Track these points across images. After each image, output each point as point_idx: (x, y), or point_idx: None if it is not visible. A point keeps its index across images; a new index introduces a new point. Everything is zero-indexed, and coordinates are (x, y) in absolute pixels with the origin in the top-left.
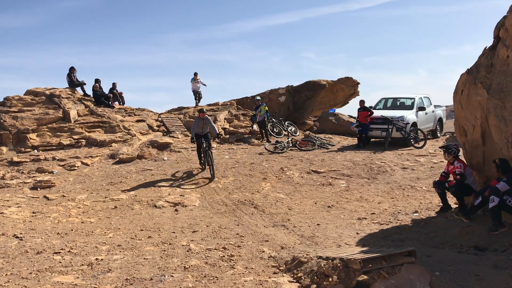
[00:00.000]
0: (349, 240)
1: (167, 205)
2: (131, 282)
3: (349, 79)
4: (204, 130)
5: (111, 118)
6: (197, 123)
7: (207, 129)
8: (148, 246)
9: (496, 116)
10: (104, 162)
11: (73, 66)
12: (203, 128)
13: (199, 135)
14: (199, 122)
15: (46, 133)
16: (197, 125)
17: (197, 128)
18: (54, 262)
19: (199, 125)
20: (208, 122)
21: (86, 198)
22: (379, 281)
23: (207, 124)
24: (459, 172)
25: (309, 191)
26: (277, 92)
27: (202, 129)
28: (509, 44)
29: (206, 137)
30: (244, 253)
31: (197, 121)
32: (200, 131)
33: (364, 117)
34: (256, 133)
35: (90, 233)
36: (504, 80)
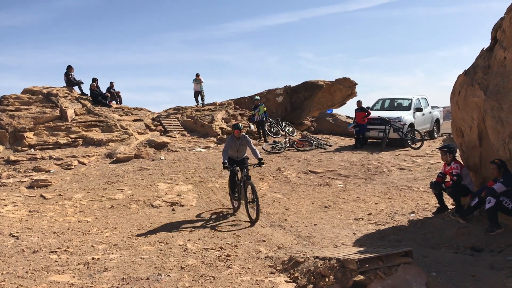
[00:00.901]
0: (346, 241)
1: (164, 205)
2: (128, 282)
3: (347, 79)
4: (241, 154)
5: (108, 117)
6: (230, 143)
7: (244, 152)
8: (145, 246)
9: (493, 117)
10: (101, 161)
11: (70, 65)
12: (239, 150)
13: (233, 160)
14: (233, 143)
15: (43, 132)
16: (230, 147)
17: (231, 150)
18: (50, 261)
19: (233, 147)
20: (247, 142)
21: (83, 197)
22: (375, 281)
23: (244, 145)
24: (456, 173)
25: (306, 191)
26: (275, 92)
27: (238, 152)
28: (506, 45)
29: (243, 163)
30: (241, 253)
31: (231, 141)
32: (235, 155)
33: (361, 117)
34: (254, 133)
35: (86, 232)
36: (501, 82)
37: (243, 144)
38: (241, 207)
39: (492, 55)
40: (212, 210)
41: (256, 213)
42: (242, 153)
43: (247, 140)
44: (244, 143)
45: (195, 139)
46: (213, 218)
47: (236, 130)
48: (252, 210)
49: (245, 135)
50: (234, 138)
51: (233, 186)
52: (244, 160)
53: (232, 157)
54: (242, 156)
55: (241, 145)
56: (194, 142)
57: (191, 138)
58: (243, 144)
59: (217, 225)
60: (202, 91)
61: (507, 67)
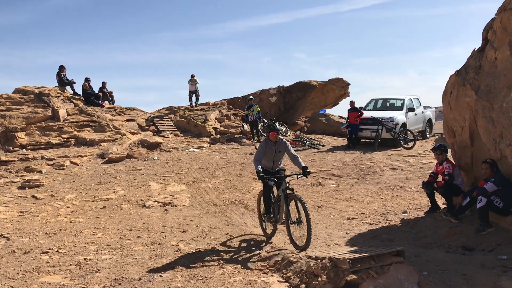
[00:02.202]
0: (339, 240)
1: (156, 205)
2: (120, 282)
3: (340, 80)
4: (277, 164)
5: (101, 117)
6: (264, 150)
7: (281, 161)
8: (137, 246)
9: (484, 117)
10: (93, 161)
11: (62, 65)
12: (275, 159)
13: (266, 172)
14: (268, 149)
15: (35, 132)
16: (264, 154)
17: (265, 158)
18: (42, 262)
19: (268, 155)
20: (285, 148)
21: (75, 197)
22: (368, 280)
23: (282, 152)
24: (447, 172)
25: (299, 191)
26: (268, 92)
27: (273, 161)
28: (497, 46)
29: (278, 174)
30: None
31: (265, 147)
32: (269, 166)
33: (354, 117)
34: (247, 133)
35: (78, 233)
36: (492, 82)
37: (280, 151)
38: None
39: (483, 55)
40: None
41: (307, 237)
42: (278, 163)
43: (285, 145)
44: (281, 150)
45: (188, 139)
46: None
47: (272, 132)
48: (298, 233)
49: (283, 139)
50: (269, 143)
51: (269, 205)
52: (280, 171)
53: (265, 167)
54: (278, 167)
55: (278, 152)
56: (187, 142)
57: (184, 138)
58: (280, 151)
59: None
60: (197, 90)
61: (498, 68)
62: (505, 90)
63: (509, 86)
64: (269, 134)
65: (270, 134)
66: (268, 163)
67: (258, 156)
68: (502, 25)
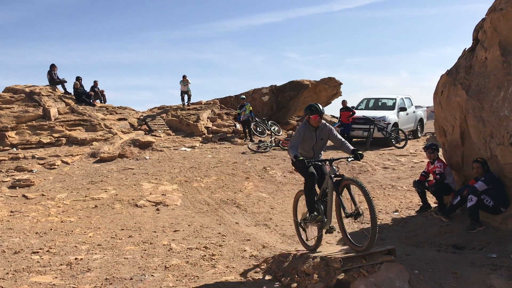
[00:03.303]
0: (330, 239)
1: (148, 205)
2: (111, 282)
3: (332, 79)
4: (318, 154)
5: (92, 117)
6: (303, 135)
7: (322, 150)
8: (129, 246)
9: (475, 117)
10: (84, 161)
11: (53, 64)
12: (316, 148)
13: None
14: (309, 135)
15: (25, 131)
16: (302, 141)
17: (302, 147)
18: (32, 262)
19: (307, 142)
20: (329, 133)
21: (66, 197)
22: (359, 279)
23: (325, 139)
24: (439, 171)
25: (292, 190)
26: (261, 91)
27: (314, 150)
28: (487, 46)
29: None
30: (225, 252)
31: (304, 131)
32: (309, 156)
33: (346, 117)
34: (239, 132)
35: (69, 233)
36: (483, 81)
37: (322, 139)
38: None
39: (474, 55)
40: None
41: (372, 233)
42: (319, 154)
43: (329, 131)
44: (324, 137)
45: (180, 139)
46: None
47: (315, 116)
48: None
49: (327, 123)
50: (309, 129)
51: (313, 202)
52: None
53: (305, 157)
54: (319, 153)
55: (320, 140)
56: (179, 142)
57: (176, 138)
58: (323, 138)
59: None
60: (189, 91)
61: (488, 67)
62: (495, 89)
63: (499, 85)
64: (310, 117)
65: (312, 117)
66: (307, 153)
67: (295, 142)
68: (492, 25)
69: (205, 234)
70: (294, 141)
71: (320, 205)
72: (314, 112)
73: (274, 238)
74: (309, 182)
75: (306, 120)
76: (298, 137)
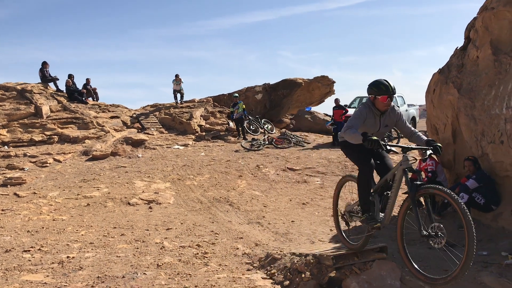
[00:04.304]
0: (323, 237)
1: (141, 203)
2: (103, 280)
3: (325, 77)
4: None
5: (85, 114)
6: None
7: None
8: (121, 244)
9: (466, 115)
10: (77, 158)
11: (45, 61)
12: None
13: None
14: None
15: (17, 129)
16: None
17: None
18: (23, 260)
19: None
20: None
21: (58, 195)
22: (351, 277)
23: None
24: (431, 169)
25: (284, 188)
26: (254, 89)
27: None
28: (479, 45)
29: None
30: (218, 250)
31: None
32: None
33: (339, 115)
34: (233, 131)
35: (61, 231)
36: (474, 80)
37: (387, 126)
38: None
39: (466, 54)
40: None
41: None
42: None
43: (398, 117)
44: (390, 124)
45: (173, 137)
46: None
47: (383, 97)
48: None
49: (395, 107)
50: (372, 112)
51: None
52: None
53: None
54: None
55: (384, 127)
56: (172, 140)
57: (169, 136)
58: (388, 125)
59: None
60: (181, 89)
61: (480, 66)
62: (486, 88)
63: (490, 84)
64: (376, 98)
65: (379, 99)
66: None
67: (354, 123)
68: (483, 24)
69: (197, 232)
70: (353, 122)
71: (379, 196)
72: (384, 91)
73: (267, 236)
74: (365, 172)
75: (370, 101)
76: (359, 118)
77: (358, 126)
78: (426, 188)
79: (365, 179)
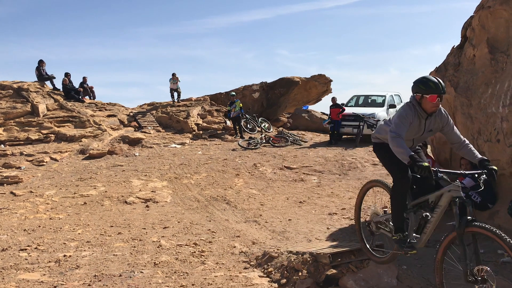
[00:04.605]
0: (320, 235)
1: (138, 201)
2: (100, 279)
3: (322, 76)
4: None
5: (81, 113)
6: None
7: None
8: (118, 243)
9: (463, 114)
10: (73, 157)
11: (42, 59)
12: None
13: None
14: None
15: (13, 127)
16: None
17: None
18: (20, 259)
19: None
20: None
21: (54, 194)
22: (347, 275)
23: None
24: None
25: (282, 187)
26: (251, 88)
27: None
28: (475, 43)
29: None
30: (215, 248)
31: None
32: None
33: (336, 114)
34: (230, 129)
35: (58, 230)
36: (471, 79)
37: (431, 130)
38: None
39: (462, 52)
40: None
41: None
42: (417, 145)
43: (446, 122)
44: (434, 128)
45: (170, 135)
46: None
47: (433, 96)
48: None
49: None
50: (418, 114)
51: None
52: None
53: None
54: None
55: (428, 132)
56: (169, 138)
57: (166, 134)
58: (432, 129)
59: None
60: (178, 88)
61: (476, 65)
62: (483, 87)
63: (487, 83)
64: (423, 98)
65: (427, 98)
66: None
67: (400, 130)
68: (480, 23)
69: (194, 230)
70: (399, 128)
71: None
72: (433, 90)
73: (264, 234)
74: (402, 187)
75: (416, 101)
76: (404, 123)
77: (405, 133)
78: (478, 228)
79: (401, 193)
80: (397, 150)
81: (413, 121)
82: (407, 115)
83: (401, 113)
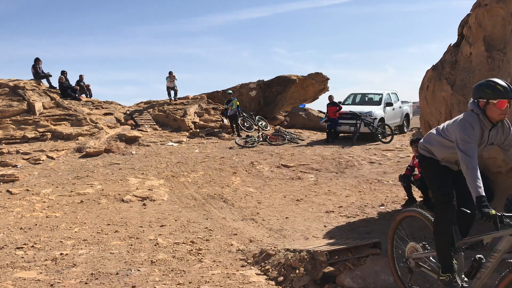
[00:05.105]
0: (317, 233)
1: (135, 200)
2: (97, 277)
3: (319, 74)
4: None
5: (78, 111)
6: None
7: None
8: (115, 241)
9: (460, 112)
10: (70, 155)
11: (38, 57)
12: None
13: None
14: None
15: (9, 125)
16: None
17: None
18: (16, 257)
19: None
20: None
21: (51, 192)
22: (345, 272)
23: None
24: None
25: (279, 185)
26: (248, 86)
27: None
28: (472, 41)
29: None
30: (212, 246)
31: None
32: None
33: (333, 112)
34: (227, 127)
35: (55, 228)
36: (467, 77)
37: (492, 144)
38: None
39: (459, 50)
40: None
41: None
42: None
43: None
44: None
45: (167, 133)
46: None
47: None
48: None
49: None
50: (483, 124)
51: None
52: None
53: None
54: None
55: (489, 145)
56: (166, 136)
57: (163, 132)
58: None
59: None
60: (175, 86)
61: (473, 63)
62: None
63: None
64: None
65: (495, 103)
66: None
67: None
68: (477, 20)
69: (192, 229)
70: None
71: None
72: (502, 94)
73: (261, 232)
74: (448, 218)
75: (479, 108)
76: (474, 139)
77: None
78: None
79: (447, 226)
80: (468, 176)
81: (478, 131)
82: (475, 129)
83: (466, 125)
